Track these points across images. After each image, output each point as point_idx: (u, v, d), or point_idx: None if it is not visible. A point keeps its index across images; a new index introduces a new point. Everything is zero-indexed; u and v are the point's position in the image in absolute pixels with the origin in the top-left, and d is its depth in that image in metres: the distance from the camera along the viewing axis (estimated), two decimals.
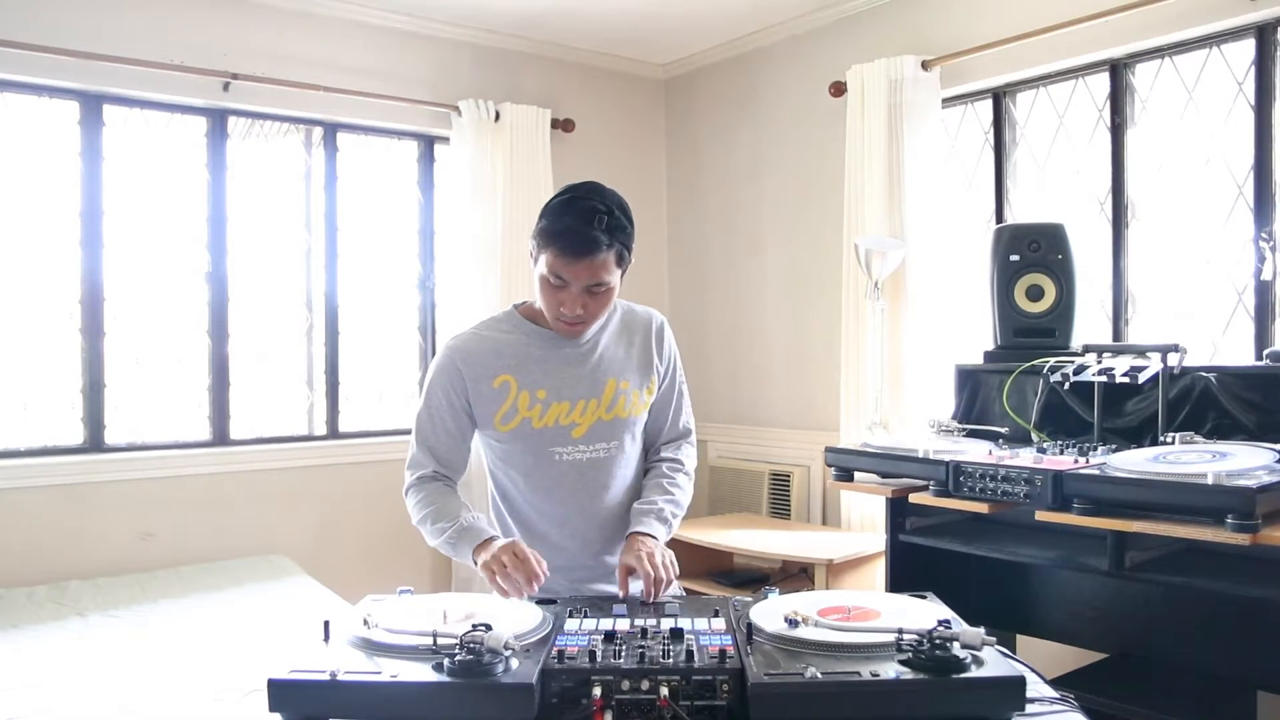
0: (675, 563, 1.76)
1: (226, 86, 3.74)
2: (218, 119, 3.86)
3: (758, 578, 3.91)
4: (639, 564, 1.69)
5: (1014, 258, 2.96)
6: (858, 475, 2.84)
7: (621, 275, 1.78)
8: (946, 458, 2.50)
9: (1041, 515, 2.28)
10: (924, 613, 1.43)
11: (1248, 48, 3.01)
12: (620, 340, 1.92)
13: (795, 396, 4.37)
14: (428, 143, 4.38)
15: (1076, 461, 2.35)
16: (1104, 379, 2.54)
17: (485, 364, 1.83)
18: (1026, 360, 2.79)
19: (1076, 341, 2.91)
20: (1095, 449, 2.46)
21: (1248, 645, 2.42)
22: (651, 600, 1.64)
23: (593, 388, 1.85)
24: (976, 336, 3.45)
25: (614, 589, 1.87)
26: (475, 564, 1.71)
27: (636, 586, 1.69)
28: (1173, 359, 2.49)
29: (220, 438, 3.87)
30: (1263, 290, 2.97)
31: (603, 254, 1.70)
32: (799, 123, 4.29)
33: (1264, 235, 2.96)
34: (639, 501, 1.90)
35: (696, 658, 1.29)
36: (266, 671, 1.26)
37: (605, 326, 1.90)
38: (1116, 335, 3.31)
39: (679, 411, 2.02)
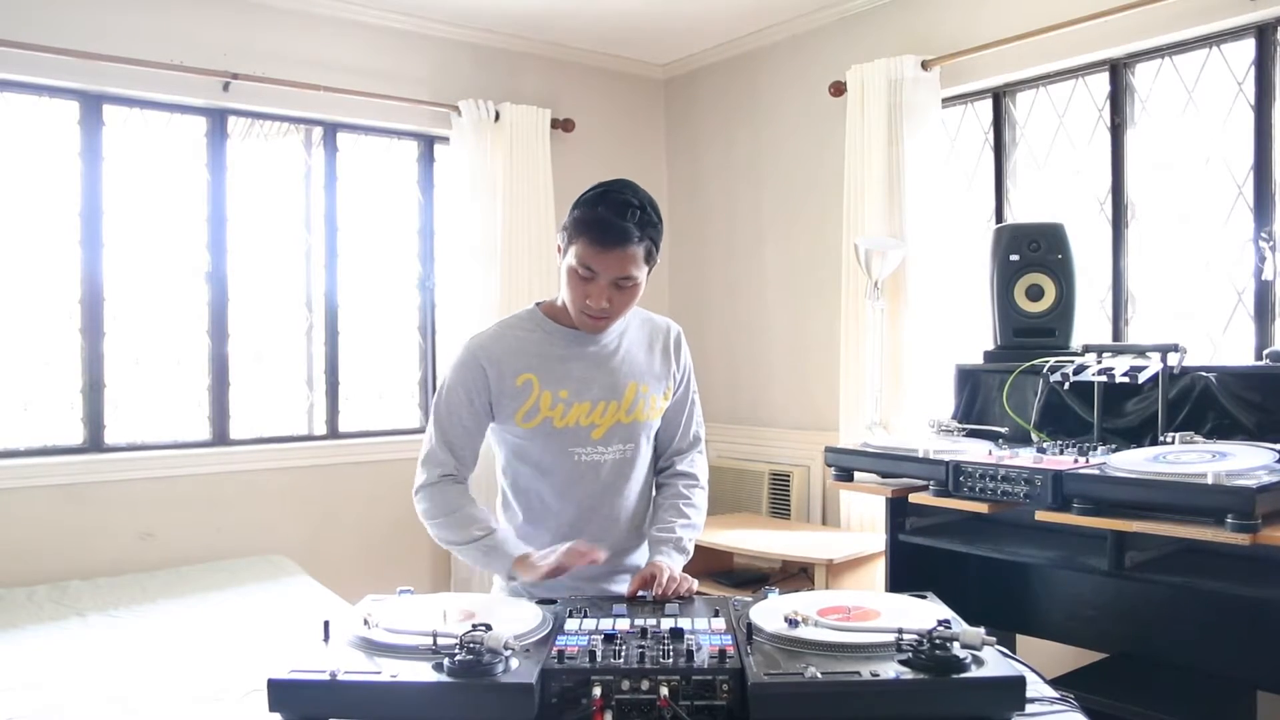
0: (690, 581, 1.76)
1: (226, 86, 3.74)
2: (218, 119, 3.86)
3: (758, 578, 3.92)
4: (658, 575, 1.70)
5: (1014, 257, 2.96)
6: (858, 475, 2.84)
7: (648, 274, 1.79)
8: (946, 458, 2.50)
9: (1041, 515, 2.28)
10: (924, 613, 1.43)
11: (1248, 48, 3.01)
12: (641, 345, 1.93)
13: (795, 396, 4.37)
14: (427, 143, 4.38)
15: (1076, 461, 2.35)
16: (1104, 379, 2.54)
17: (509, 362, 1.84)
18: (1026, 360, 2.79)
19: (1076, 341, 2.91)
20: (1095, 449, 2.46)
21: (1248, 645, 2.42)
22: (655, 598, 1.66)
23: (613, 389, 1.86)
24: (976, 336, 3.44)
25: (623, 590, 1.87)
26: (514, 578, 1.76)
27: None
28: (1173, 359, 2.49)
29: (220, 438, 3.86)
30: (1263, 290, 2.97)
31: (633, 246, 1.72)
32: (799, 122, 4.29)
33: (1264, 235, 2.96)
34: (657, 527, 1.91)
35: (696, 658, 1.29)
36: (266, 671, 1.26)
37: (627, 329, 1.91)
38: (1116, 335, 3.31)
39: (690, 420, 2.02)
